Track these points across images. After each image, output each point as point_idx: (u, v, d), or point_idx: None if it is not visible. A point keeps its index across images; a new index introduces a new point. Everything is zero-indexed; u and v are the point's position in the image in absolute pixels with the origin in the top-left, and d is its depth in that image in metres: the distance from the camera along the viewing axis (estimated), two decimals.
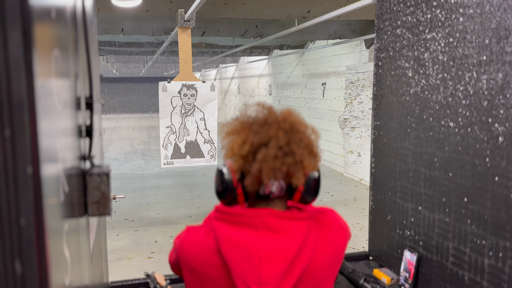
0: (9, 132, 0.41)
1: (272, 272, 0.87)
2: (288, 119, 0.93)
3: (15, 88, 0.41)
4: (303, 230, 0.91)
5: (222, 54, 10.51)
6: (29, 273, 0.43)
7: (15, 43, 0.41)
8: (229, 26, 6.34)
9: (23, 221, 0.43)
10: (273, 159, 0.87)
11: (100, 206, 0.92)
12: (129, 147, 12.34)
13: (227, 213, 0.93)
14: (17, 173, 0.42)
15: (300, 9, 4.80)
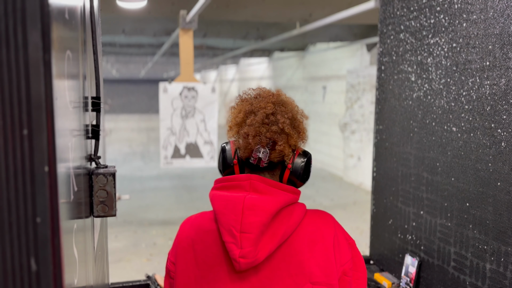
0: (27, 131, 0.42)
1: (253, 220, 0.94)
2: (277, 95, 1.06)
3: (34, 88, 0.42)
4: (288, 198, 0.99)
5: (223, 56, 10.53)
6: (44, 271, 0.43)
7: (35, 44, 0.41)
8: (230, 28, 6.36)
9: (39, 219, 0.43)
10: (259, 124, 1.00)
11: (106, 207, 0.93)
12: (128, 149, 12.34)
13: (223, 180, 1.02)
14: (34, 172, 0.42)
15: (302, 12, 4.81)
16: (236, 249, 0.93)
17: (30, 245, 0.43)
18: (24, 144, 0.42)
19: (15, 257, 0.43)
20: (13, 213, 0.43)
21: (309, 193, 7.16)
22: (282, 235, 0.95)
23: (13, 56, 0.41)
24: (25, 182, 0.43)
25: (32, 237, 0.43)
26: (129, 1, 1.87)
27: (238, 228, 0.93)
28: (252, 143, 1.00)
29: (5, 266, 0.43)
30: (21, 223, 0.43)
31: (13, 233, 0.43)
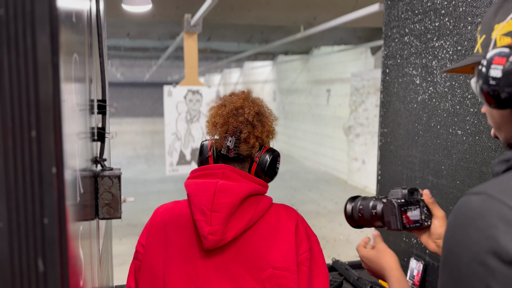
0: (35, 133, 0.42)
1: (224, 201, 1.01)
2: (248, 93, 1.18)
3: (42, 90, 0.42)
4: (256, 188, 1.07)
5: (227, 60, 10.56)
6: (51, 272, 0.44)
7: (44, 47, 0.42)
8: (235, 32, 6.38)
9: (47, 221, 0.43)
10: (228, 115, 1.11)
11: (111, 209, 0.93)
12: (132, 152, 12.37)
13: (198, 170, 1.11)
14: (42, 173, 0.43)
15: (306, 16, 4.82)
16: (206, 226, 1.00)
17: (37, 246, 0.43)
18: (33, 145, 0.42)
19: (23, 258, 0.43)
20: (21, 214, 0.43)
21: (313, 197, 7.15)
22: (250, 219, 1.03)
23: (22, 59, 0.42)
24: (33, 184, 0.43)
25: (40, 238, 0.43)
26: (134, 5, 1.88)
27: (209, 208, 1.01)
28: (221, 131, 1.11)
29: (13, 266, 0.43)
30: (29, 224, 0.43)
31: (21, 234, 0.43)
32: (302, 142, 10.67)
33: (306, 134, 10.36)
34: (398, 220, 1.01)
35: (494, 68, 0.64)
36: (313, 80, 9.89)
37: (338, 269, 1.92)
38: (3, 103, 0.41)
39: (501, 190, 0.59)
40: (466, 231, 0.59)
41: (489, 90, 0.66)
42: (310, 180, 8.59)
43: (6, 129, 0.42)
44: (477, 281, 0.57)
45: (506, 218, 0.56)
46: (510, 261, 0.54)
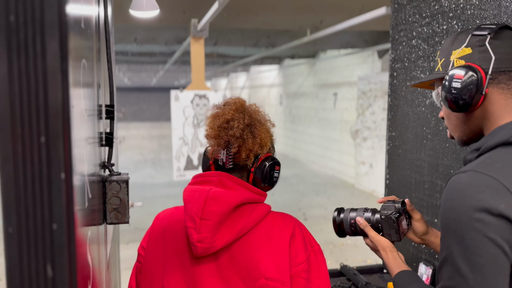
0: (44, 138, 0.42)
1: (214, 209, 1.00)
2: (240, 103, 1.15)
3: (51, 96, 0.42)
4: (251, 196, 1.06)
5: (233, 64, 10.59)
6: (60, 277, 0.44)
7: (53, 53, 0.42)
8: (241, 36, 6.39)
9: (56, 226, 0.43)
10: (218, 128, 1.09)
11: (119, 214, 0.93)
12: (140, 156, 12.43)
13: (197, 176, 1.11)
14: (51, 179, 0.43)
15: (312, 20, 4.82)
16: (195, 233, 1.00)
17: (46, 251, 0.43)
18: (42, 151, 0.43)
19: (32, 263, 0.43)
20: (30, 220, 0.43)
21: (320, 201, 7.12)
22: (241, 228, 1.02)
23: (32, 65, 0.42)
24: (42, 189, 0.43)
25: (49, 243, 0.44)
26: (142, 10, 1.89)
27: (199, 215, 1.01)
28: (214, 144, 1.11)
29: (22, 272, 0.43)
30: (38, 229, 0.43)
31: (30, 240, 0.43)
32: (309, 146, 10.64)
33: (313, 138, 10.34)
34: (397, 233, 1.10)
35: (455, 81, 0.88)
36: (320, 83, 9.87)
37: (346, 274, 1.91)
38: (13, 109, 0.42)
39: (483, 167, 0.81)
40: (461, 199, 0.79)
41: (452, 98, 0.89)
42: (317, 184, 8.56)
43: (15, 135, 0.42)
44: (477, 233, 0.76)
45: (490, 185, 0.77)
46: (498, 214, 0.75)
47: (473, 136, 0.95)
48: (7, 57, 0.41)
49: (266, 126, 1.15)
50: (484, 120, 0.91)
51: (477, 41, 0.90)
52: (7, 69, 0.41)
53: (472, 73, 0.87)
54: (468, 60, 0.90)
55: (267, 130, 1.15)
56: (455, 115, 0.95)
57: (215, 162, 1.13)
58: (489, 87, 0.88)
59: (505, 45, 0.90)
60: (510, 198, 0.76)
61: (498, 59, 0.88)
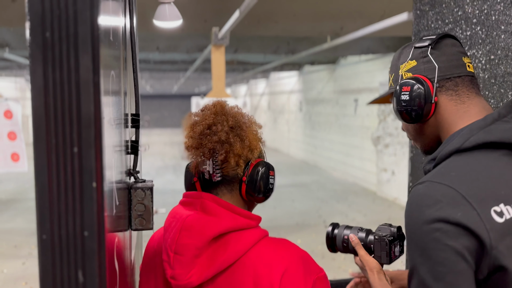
0: (77, 149, 0.44)
1: (187, 242, 0.90)
2: (220, 105, 1.04)
3: (84, 108, 0.44)
4: (238, 223, 0.93)
5: (253, 71, 10.64)
6: (90, 283, 0.45)
7: (86, 67, 0.44)
8: (261, 43, 6.43)
9: (87, 233, 0.45)
10: (200, 136, 0.98)
11: (143, 220, 0.95)
12: (161, 162, 12.58)
13: (184, 195, 1.02)
14: (83, 188, 0.44)
15: (333, 26, 4.81)
16: (169, 269, 0.91)
17: (78, 258, 0.45)
18: (74, 161, 0.44)
19: (64, 269, 0.45)
20: (63, 227, 0.45)
21: (341, 208, 7.05)
22: (222, 262, 0.90)
23: (65, 78, 0.44)
24: (75, 198, 0.45)
25: (80, 250, 0.45)
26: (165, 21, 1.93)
27: (172, 248, 0.92)
28: (196, 155, 0.98)
29: (54, 278, 0.45)
30: (70, 236, 0.45)
31: (62, 246, 0.45)
32: (329, 152, 10.57)
33: (333, 144, 10.27)
34: (388, 256, 1.08)
35: (404, 94, 0.91)
36: (340, 90, 9.82)
37: None
38: (48, 120, 0.43)
39: (438, 177, 0.82)
40: (420, 210, 0.80)
41: (404, 110, 0.92)
42: (338, 191, 8.48)
43: (50, 145, 0.44)
44: (437, 243, 0.77)
45: (446, 194, 0.78)
46: (456, 223, 0.76)
47: (433, 145, 0.96)
48: (43, 71, 0.43)
49: (252, 128, 1.03)
50: (439, 128, 0.93)
51: (419, 53, 0.94)
52: (43, 82, 0.43)
53: (418, 84, 0.90)
54: (415, 72, 0.93)
55: (255, 132, 1.03)
56: (412, 127, 0.98)
57: (200, 177, 1.01)
58: (438, 95, 0.91)
59: (446, 53, 0.93)
60: (466, 206, 0.77)
61: (442, 67, 0.91)
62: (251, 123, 1.03)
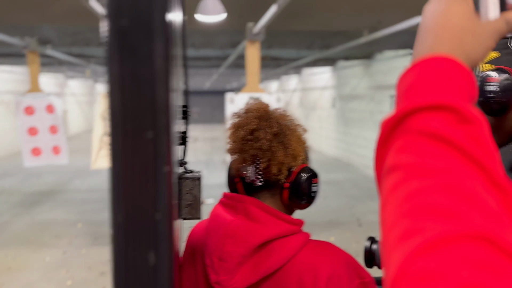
0: (151, 134, 0.45)
1: (232, 250, 0.90)
2: (264, 109, 1.01)
3: (158, 94, 0.45)
4: (282, 230, 0.92)
5: (286, 67, 10.60)
6: (161, 265, 0.46)
7: (160, 55, 0.45)
8: (295, 39, 6.40)
9: (159, 216, 0.46)
10: (241, 141, 0.97)
11: (192, 210, 0.97)
12: (193, 157, 12.77)
13: (224, 196, 1.02)
14: (156, 172, 0.46)
15: (370, 20, 4.73)
16: (213, 274, 0.91)
17: (150, 240, 0.46)
18: (148, 146, 0.45)
19: (136, 251, 0.46)
20: (137, 210, 0.46)
21: (375, 207, 6.93)
22: (267, 269, 0.89)
23: (141, 65, 0.45)
24: (148, 182, 0.46)
25: (152, 232, 0.46)
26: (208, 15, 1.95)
27: (216, 254, 0.91)
28: (239, 159, 0.98)
29: (127, 258, 0.46)
30: (143, 219, 0.46)
31: (136, 229, 0.46)
32: (363, 150, 10.41)
33: (367, 142, 10.09)
34: None
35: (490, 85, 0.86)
36: (376, 85, 9.63)
37: None
38: (124, 107, 0.45)
39: None
40: None
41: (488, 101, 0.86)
42: (372, 189, 8.33)
43: (126, 131, 0.45)
44: None
45: None
46: None
47: (508, 140, 0.92)
48: (120, 59, 0.44)
49: (297, 133, 1.01)
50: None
51: (501, 44, 0.90)
52: (119, 69, 0.45)
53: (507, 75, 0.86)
54: (497, 63, 0.89)
55: (299, 137, 1.01)
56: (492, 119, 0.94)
57: (242, 179, 1.01)
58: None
59: None
60: None
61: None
62: (295, 127, 1.01)
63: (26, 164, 5.41)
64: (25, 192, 8.30)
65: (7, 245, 5.36)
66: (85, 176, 9.83)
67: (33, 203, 7.42)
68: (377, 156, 0.40)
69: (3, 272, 4.59)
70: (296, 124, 1.02)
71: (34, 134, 5.78)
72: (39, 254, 5.04)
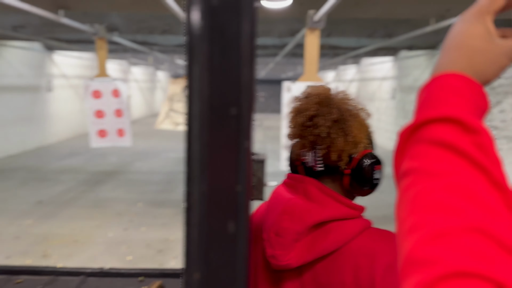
0: (235, 110, 0.48)
1: (288, 226, 0.91)
2: (324, 94, 0.98)
3: (244, 72, 0.47)
4: (341, 212, 0.91)
5: (344, 56, 10.36)
6: (240, 234, 0.49)
7: (247, 33, 0.47)
8: (356, 27, 6.23)
9: (239, 188, 0.49)
10: (300, 126, 0.95)
11: (256, 191, 0.99)
12: None
13: (287, 176, 1.02)
14: (238, 147, 0.48)
15: (438, 8, 4.49)
16: (269, 248, 0.93)
17: (230, 210, 0.49)
18: (232, 121, 0.48)
19: (217, 219, 0.49)
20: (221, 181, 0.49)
21: None
22: (322, 250, 0.89)
23: (229, 45, 0.47)
24: (231, 155, 0.49)
25: (233, 203, 0.49)
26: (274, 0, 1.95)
27: (273, 230, 0.92)
28: (298, 144, 0.97)
29: (210, 226, 0.49)
30: (225, 190, 0.49)
31: (218, 198, 0.49)
32: None
33: None
34: None
35: None
36: None
37: None
38: (212, 84, 0.48)
39: None
40: None
41: None
42: None
43: (212, 107, 0.48)
44: None
45: None
46: None
47: None
48: (209, 38, 0.47)
49: (359, 118, 0.98)
50: None
51: None
52: (209, 48, 0.47)
53: None
54: None
55: (361, 123, 0.98)
56: None
57: (303, 164, 1.00)
58: None
59: None
60: None
61: None
62: (357, 112, 0.98)
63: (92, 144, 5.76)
64: (90, 171, 8.86)
65: (74, 219, 5.78)
66: (146, 159, 10.31)
67: (98, 182, 7.91)
68: (395, 161, 0.48)
69: (71, 243, 4.97)
70: (359, 108, 0.99)
71: (101, 117, 6.12)
72: (102, 230, 5.39)
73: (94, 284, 1.78)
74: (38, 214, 5.94)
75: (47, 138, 12.11)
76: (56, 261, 4.47)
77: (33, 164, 9.39)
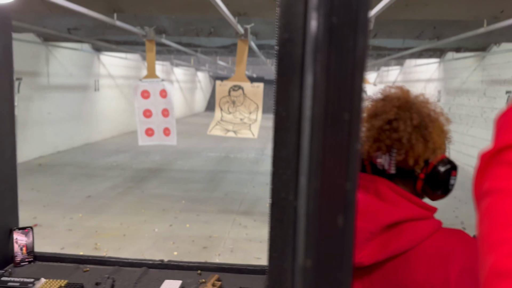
0: (348, 116, 0.53)
1: (361, 225, 0.90)
2: (404, 98, 0.96)
3: (356, 81, 0.53)
4: (414, 213, 0.90)
5: (389, 57, 10.18)
6: (348, 228, 0.54)
7: (362, 47, 0.52)
8: (404, 28, 6.13)
9: (349, 185, 0.54)
10: (378, 130, 0.93)
11: None
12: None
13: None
14: (350, 148, 0.53)
15: (491, 9, 4.36)
16: None
17: (340, 205, 0.54)
18: (345, 126, 0.53)
19: (328, 213, 0.55)
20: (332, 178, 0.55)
21: None
22: (395, 249, 0.89)
23: (345, 57, 0.53)
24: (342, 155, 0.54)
25: (343, 199, 0.54)
26: None
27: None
28: (373, 147, 0.94)
29: (321, 220, 0.55)
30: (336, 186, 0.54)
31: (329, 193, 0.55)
32: (470, 149, 9.66)
33: (476, 141, 9.34)
34: None
35: None
36: (489, 80, 8.84)
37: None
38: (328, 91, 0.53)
39: None
40: None
41: None
42: None
43: (327, 111, 0.53)
44: None
45: None
46: None
47: None
48: (328, 50, 0.53)
49: (439, 123, 0.95)
50: None
51: None
52: (327, 62, 0.53)
53: None
54: None
55: (441, 128, 0.95)
56: None
57: (372, 164, 0.98)
58: None
59: None
60: None
61: None
62: (437, 116, 0.96)
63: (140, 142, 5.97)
64: (135, 168, 9.19)
65: (122, 214, 6.03)
66: (187, 157, 10.56)
67: (143, 179, 8.19)
68: (476, 182, 0.52)
69: (120, 237, 5.19)
70: (438, 113, 0.97)
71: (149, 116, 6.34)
72: (149, 225, 5.59)
73: (155, 275, 1.87)
74: (88, 208, 6.24)
75: (93, 136, 12.65)
76: (106, 253, 4.69)
77: (81, 160, 9.84)
